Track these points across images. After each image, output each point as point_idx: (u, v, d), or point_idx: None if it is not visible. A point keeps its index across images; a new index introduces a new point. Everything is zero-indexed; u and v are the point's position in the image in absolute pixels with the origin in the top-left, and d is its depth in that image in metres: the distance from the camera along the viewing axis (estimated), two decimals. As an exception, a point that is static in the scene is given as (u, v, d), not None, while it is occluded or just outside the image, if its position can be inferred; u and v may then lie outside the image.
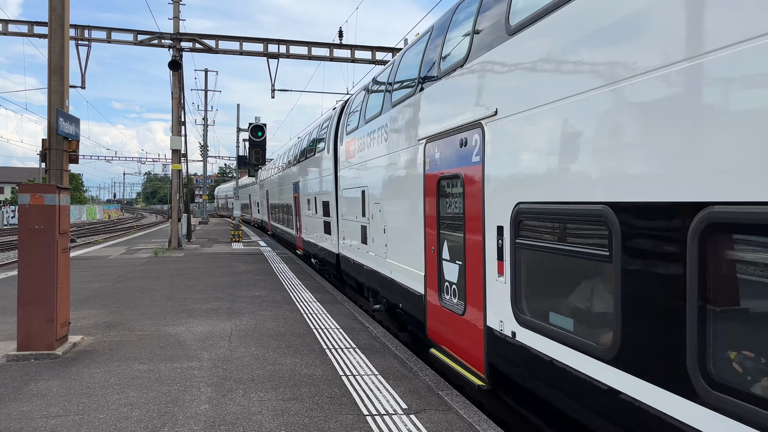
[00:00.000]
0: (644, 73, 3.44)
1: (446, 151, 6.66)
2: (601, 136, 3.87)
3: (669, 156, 3.25)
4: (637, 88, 3.50)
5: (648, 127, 3.42)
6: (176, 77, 23.36)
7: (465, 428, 5.04)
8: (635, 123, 3.52)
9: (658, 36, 3.37)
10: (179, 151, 23.75)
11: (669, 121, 3.26)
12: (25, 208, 7.24)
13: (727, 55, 2.89)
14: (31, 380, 6.38)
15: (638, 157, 3.50)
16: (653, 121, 3.37)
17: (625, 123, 3.61)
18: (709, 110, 3.02)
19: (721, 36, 2.93)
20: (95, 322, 9.42)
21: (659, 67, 3.33)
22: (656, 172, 3.34)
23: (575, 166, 4.21)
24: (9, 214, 54.04)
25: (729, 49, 2.87)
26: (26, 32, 22.20)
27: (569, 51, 4.30)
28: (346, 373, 6.63)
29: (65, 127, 7.98)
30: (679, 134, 3.18)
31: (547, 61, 4.58)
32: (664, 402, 3.25)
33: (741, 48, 2.80)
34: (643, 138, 3.46)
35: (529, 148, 4.89)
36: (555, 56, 4.47)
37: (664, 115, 3.29)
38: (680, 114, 3.17)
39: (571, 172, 4.24)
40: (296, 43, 24.05)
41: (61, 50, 8.09)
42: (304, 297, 11.86)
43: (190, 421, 5.17)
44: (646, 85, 3.43)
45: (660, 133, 3.31)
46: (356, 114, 11.86)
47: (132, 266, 17.49)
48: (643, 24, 3.51)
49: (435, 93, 7.24)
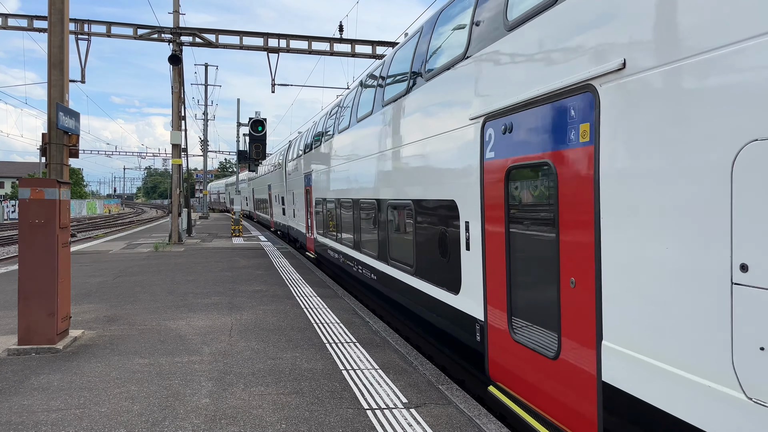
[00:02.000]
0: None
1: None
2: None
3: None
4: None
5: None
6: (176, 72, 23.32)
7: (465, 422, 5.05)
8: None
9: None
10: (179, 145, 23.72)
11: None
12: (25, 202, 7.24)
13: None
14: (32, 374, 6.40)
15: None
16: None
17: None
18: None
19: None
20: (96, 316, 9.43)
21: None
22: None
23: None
24: (9, 208, 54.04)
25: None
26: (26, 26, 22.14)
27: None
28: (346, 368, 6.64)
29: (65, 121, 7.97)
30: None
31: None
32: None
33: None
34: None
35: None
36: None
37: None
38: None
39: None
40: (296, 38, 24.00)
41: (61, 44, 8.07)
42: (304, 291, 11.87)
43: (190, 415, 5.19)
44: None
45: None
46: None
47: (132, 261, 17.51)
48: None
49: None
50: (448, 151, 6.64)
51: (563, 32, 4.36)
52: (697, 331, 3.10)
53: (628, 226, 3.61)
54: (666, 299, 3.31)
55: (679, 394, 3.20)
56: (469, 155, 5.99)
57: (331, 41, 23.94)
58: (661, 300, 3.35)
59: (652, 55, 3.39)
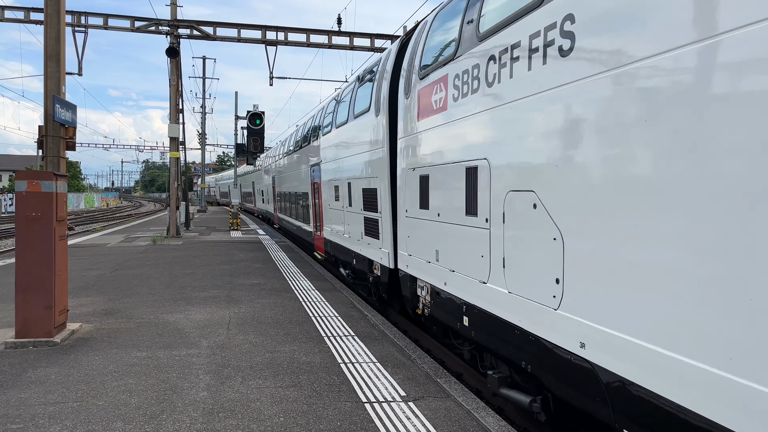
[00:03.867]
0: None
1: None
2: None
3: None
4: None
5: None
6: (174, 64, 23.21)
7: (463, 415, 5.05)
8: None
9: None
10: (177, 138, 23.64)
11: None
12: (22, 195, 7.21)
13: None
14: (30, 367, 6.39)
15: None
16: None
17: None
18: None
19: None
20: (93, 309, 9.42)
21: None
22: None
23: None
24: (7, 201, 53.88)
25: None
26: (22, 18, 21.98)
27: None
28: (344, 361, 6.64)
29: (62, 113, 7.92)
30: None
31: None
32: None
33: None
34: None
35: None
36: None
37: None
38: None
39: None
40: (295, 30, 23.87)
41: (58, 36, 8.02)
42: (302, 285, 11.87)
43: (188, 408, 5.18)
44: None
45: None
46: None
47: (130, 254, 17.48)
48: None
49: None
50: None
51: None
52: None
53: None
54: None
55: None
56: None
57: (330, 34, 23.83)
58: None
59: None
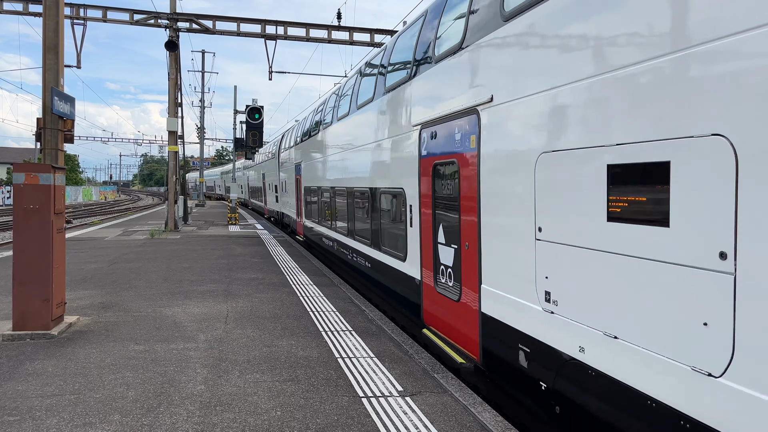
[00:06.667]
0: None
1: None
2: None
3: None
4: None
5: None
6: (173, 58, 23.13)
7: (460, 411, 5.06)
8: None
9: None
10: (176, 132, 23.59)
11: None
12: (19, 187, 7.19)
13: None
14: (27, 360, 6.38)
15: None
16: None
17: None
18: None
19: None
20: (91, 302, 9.41)
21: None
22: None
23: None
24: (4, 194, 53.78)
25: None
26: (21, 10, 21.91)
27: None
28: (342, 356, 6.64)
29: (60, 105, 7.90)
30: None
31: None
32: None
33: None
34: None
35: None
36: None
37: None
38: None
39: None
40: (294, 25, 23.81)
41: (56, 28, 7.98)
42: (300, 280, 11.87)
43: (185, 402, 5.18)
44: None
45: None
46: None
47: (128, 248, 17.46)
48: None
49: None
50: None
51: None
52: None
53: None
54: (509, 251, 5.19)
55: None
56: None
57: (329, 29, 23.77)
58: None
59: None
